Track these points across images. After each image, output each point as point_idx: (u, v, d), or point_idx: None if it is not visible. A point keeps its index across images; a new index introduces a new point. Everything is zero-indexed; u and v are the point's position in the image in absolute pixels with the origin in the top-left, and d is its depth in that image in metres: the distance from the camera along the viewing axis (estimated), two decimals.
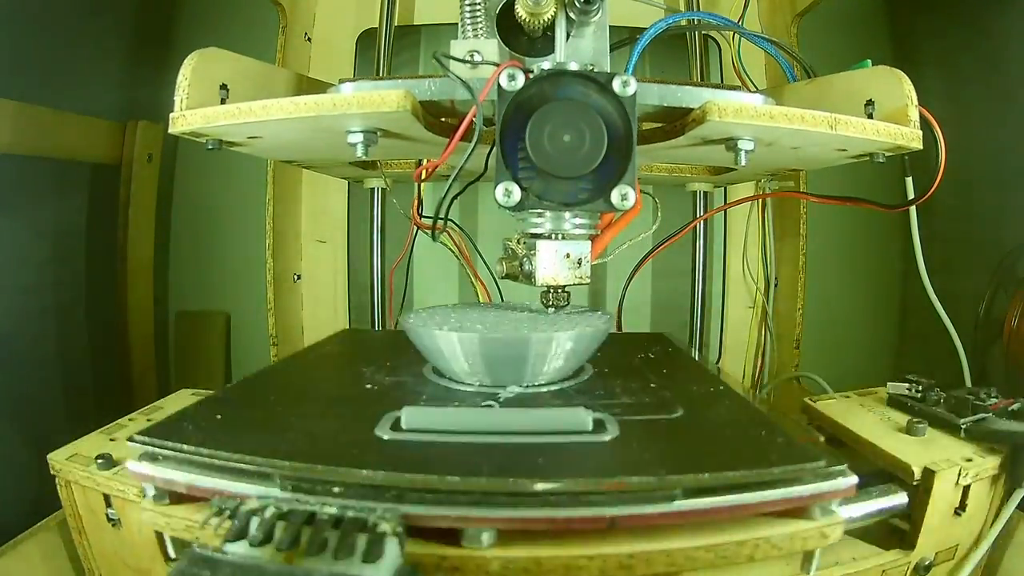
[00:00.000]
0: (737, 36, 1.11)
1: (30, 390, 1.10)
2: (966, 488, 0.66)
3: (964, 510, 0.67)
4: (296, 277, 1.33)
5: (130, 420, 0.80)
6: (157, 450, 0.51)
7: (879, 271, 1.42)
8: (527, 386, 0.65)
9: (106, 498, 0.65)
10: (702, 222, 1.25)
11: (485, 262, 1.03)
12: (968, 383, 1.03)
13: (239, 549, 0.39)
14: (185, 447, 0.50)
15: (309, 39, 1.27)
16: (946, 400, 0.77)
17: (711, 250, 1.32)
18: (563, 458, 0.49)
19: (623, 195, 0.60)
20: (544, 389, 0.65)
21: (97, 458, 0.65)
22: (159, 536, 0.53)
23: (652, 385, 0.67)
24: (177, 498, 0.51)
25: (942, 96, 0.75)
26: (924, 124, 0.72)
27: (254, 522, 0.40)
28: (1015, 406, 0.72)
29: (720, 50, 1.26)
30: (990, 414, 0.72)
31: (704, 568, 0.46)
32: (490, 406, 0.60)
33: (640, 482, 0.44)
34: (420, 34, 1.28)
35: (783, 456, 0.48)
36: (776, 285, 1.34)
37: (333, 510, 0.42)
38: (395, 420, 0.53)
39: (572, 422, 0.52)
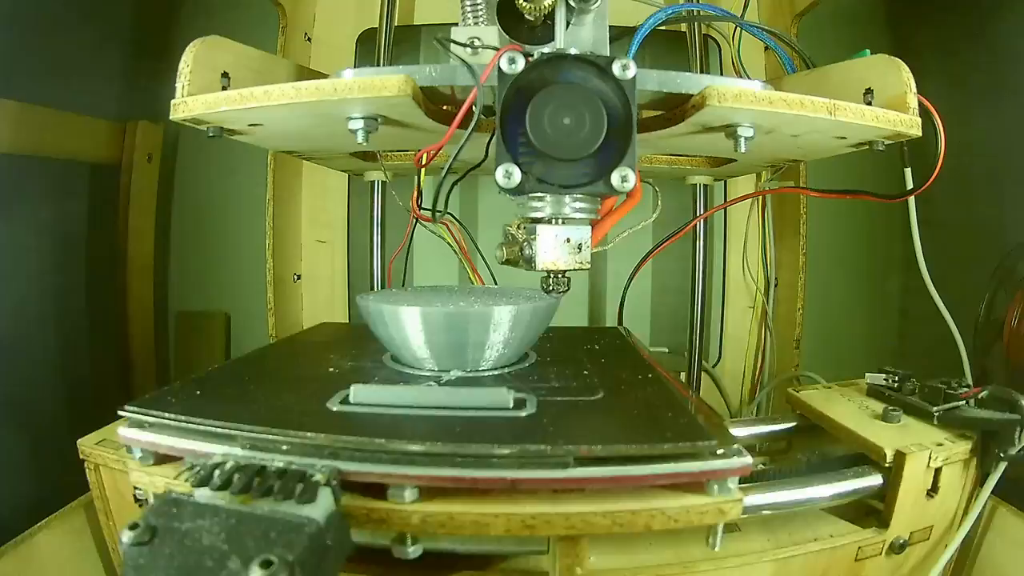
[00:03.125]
0: (736, 35, 1.11)
1: (30, 390, 1.09)
2: (937, 471, 0.71)
3: (936, 492, 0.71)
4: (296, 277, 1.34)
5: None
6: (144, 418, 0.57)
7: (879, 271, 1.42)
8: (469, 371, 0.70)
9: None
10: (702, 221, 1.26)
11: (483, 257, 1.03)
12: (970, 381, 1.03)
13: (204, 494, 0.46)
14: (167, 415, 0.56)
15: (309, 39, 1.27)
16: (920, 389, 0.81)
17: (711, 250, 1.32)
18: (481, 429, 0.54)
19: (623, 177, 0.59)
20: (486, 373, 0.71)
21: None
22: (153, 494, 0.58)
23: (585, 372, 0.72)
24: (160, 460, 0.57)
25: (942, 96, 0.75)
26: (923, 113, 0.72)
27: (216, 473, 0.47)
28: (983, 394, 0.76)
29: (720, 50, 1.26)
30: (963, 402, 0.76)
31: (602, 532, 0.50)
32: (430, 386, 0.65)
33: (536, 450, 0.50)
34: (420, 34, 1.29)
35: (679, 434, 0.52)
36: (776, 285, 1.34)
37: (280, 464, 0.49)
38: (345, 396, 0.60)
39: (495, 400, 0.58)
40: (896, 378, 0.85)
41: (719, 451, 0.51)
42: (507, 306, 0.67)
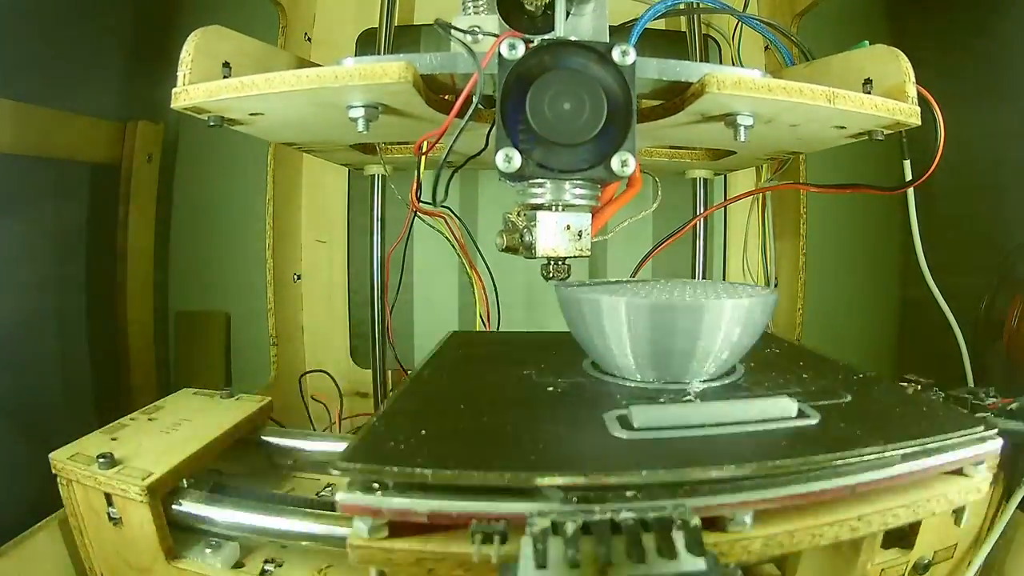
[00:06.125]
0: (736, 35, 1.12)
1: (30, 390, 1.09)
2: None
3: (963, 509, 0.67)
4: (296, 277, 1.33)
5: (131, 420, 0.81)
6: (375, 477, 0.45)
7: (879, 271, 1.42)
8: (704, 380, 0.63)
9: (107, 497, 0.66)
10: (702, 220, 1.26)
11: (481, 254, 1.03)
12: (970, 382, 1.03)
13: (547, 575, 0.37)
14: (420, 471, 0.44)
15: (309, 39, 1.28)
16: (945, 400, 0.77)
17: (711, 250, 1.32)
18: (791, 441, 0.51)
19: (623, 162, 0.60)
20: (717, 383, 0.64)
21: (98, 457, 0.67)
22: (380, 573, 0.48)
23: (804, 376, 0.67)
24: (394, 530, 0.45)
25: (942, 96, 0.75)
26: (922, 106, 0.73)
27: (553, 542, 0.38)
28: (1013, 405, 0.74)
29: (720, 49, 1.27)
30: (989, 414, 0.73)
31: (903, 521, 0.50)
32: (691, 401, 0.59)
33: (871, 451, 0.48)
34: (420, 34, 1.29)
35: (955, 425, 0.53)
36: (776, 285, 1.33)
37: (632, 515, 0.41)
38: (620, 420, 0.53)
39: (781, 410, 0.54)
40: (919, 387, 0.79)
41: (982, 435, 0.53)
42: (744, 299, 0.60)
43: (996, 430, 0.53)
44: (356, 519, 0.44)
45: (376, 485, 0.44)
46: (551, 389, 0.63)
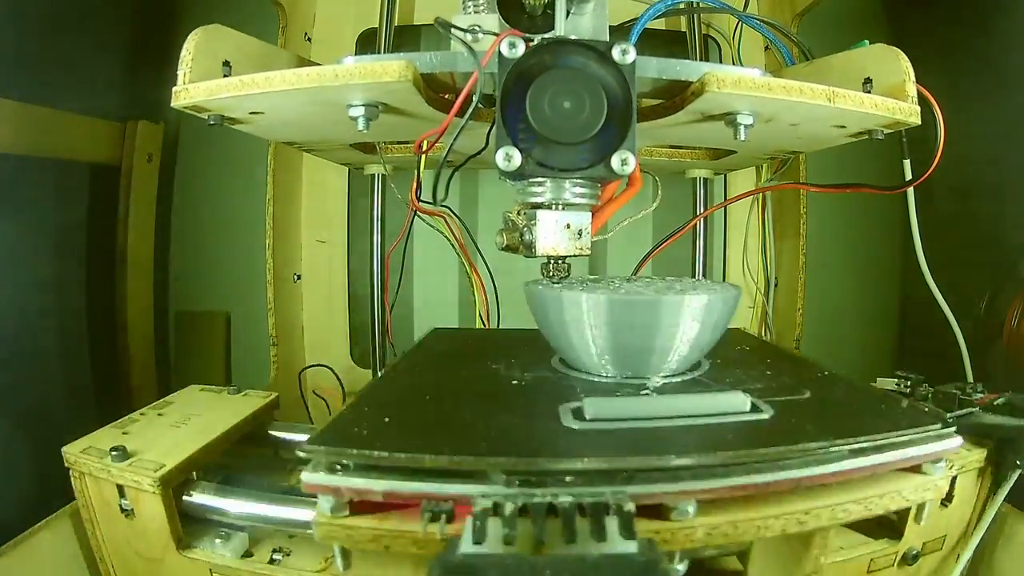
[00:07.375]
0: (737, 35, 1.12)
1: (30, 389, 1.09)
2: (952, 479, 0.70)
3: (951, 501, 0.71)
4: (296, 277, 1.33)
5: (141, 415, 0.83)
6: (336, 459, 0.47)
7: (879, 270, 1.42)
8: (666, 376, 0.66)
9: (120, 489, 0.68)
10: (702, 220, 1.26)
11: (481, 254, 1.03)
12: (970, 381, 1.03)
13: (483, 550, 0.39)
14: (377, 453, 0.47)
15: (309, 39, 1.28)
16: (934, 395, 0.79)
17: (711, 250, 1.32)
18: (742, 434, 0.52)
19: (623, 160, 0.60)
20: (679, 379, 0.66)
21: (111, 450, 0.68)
22: (342, 550, 0.49)
23: (768, 373, 0.69)
24: (355, 509, 0.48)
25: (942, 97, 0.75)
26: (922, 105, 0.73)
27: (492, 522, 0.41)
28: (999, 400, 0.76)
29: (720, 49, 1.27)
30: (977, 408, 0.75)
31: (855, 517, 0.51)
32: (648, 395, 0.61)
33: (817, 447, 0.49)
34: (420, 34, 1.29)
35: (912, 421, 0.54)
36: (776, 285, 1.33)
37: (569, 499, 0.43)
38: (575, 411, 0.55)
39: (734, 404, 0.55)
40: (908, 383, 0.83)
41: (941, 432, 0.53)
42: (704, 295, 0.62)
43: (954, 428, 0.54)
44: (320, 498, 0.47)
45: (338, 467, 0.47)
46: (515, 383, 0.66)
